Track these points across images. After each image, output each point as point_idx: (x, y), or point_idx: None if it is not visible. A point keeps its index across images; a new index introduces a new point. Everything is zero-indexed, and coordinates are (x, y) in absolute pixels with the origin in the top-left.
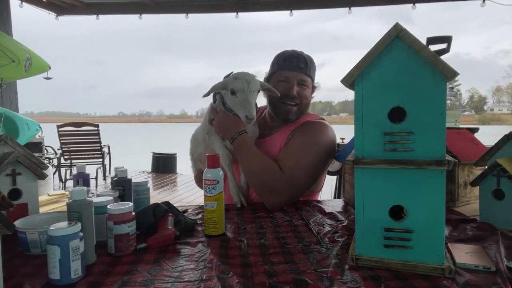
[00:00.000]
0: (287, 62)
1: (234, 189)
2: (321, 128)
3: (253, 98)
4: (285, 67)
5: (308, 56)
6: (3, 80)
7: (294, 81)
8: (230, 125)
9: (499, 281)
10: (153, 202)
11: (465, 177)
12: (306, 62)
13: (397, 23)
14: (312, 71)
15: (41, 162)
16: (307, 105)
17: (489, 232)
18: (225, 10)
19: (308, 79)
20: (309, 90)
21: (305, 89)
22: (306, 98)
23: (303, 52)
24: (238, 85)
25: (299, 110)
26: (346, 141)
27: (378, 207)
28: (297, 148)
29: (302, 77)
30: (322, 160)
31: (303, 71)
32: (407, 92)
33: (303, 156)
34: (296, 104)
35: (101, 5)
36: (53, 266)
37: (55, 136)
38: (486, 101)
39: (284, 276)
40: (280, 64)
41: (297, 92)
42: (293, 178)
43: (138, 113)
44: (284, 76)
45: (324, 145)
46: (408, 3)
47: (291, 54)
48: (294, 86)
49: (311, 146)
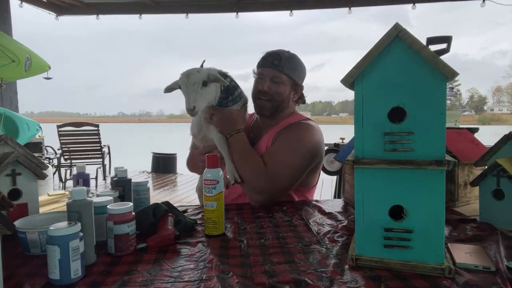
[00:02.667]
0: (263, 60)
1: (230, 167)
2: (307, 129)
3: (193, 90)
4: (261, 65)
5: (287, 55)
6: (3, 80)
7: (267, 77)
8: (228, 122)
9: (499, 281)
10: (153, 202)
11: (465, 177)
12: (281, 59)
13: (397, 23)
14: (287, 68)
15: (41, 162)
16: (282, 101)
17: (489, 232)
18: (225, 10)
19: (281, 75)
20: (285, 87)
21: (278, 86)
22: (279, 95)
23: (284, 51)
24: (180, 79)
25: (274, 106)
26: (346, 141)
27: (378, 207)
28: (281, 147)
29: (274, 74)
30: (305, 159)
31: (277, 68)
32: (407, 92)
33: (287, 155)
34: (269, 99)
35: (101, 5)
36: (53, 266)
37: (55, 136)
38: (486, 101)
39: (284, 276)
40: (258, 63)
41: (268, 88)
42: (275, 177)
43: (138, 113)
44: (260, 73)
45: (309, 144)
46: (408, 3)
47: (269, 53)
48: (265, 82)
49: (295, 146)
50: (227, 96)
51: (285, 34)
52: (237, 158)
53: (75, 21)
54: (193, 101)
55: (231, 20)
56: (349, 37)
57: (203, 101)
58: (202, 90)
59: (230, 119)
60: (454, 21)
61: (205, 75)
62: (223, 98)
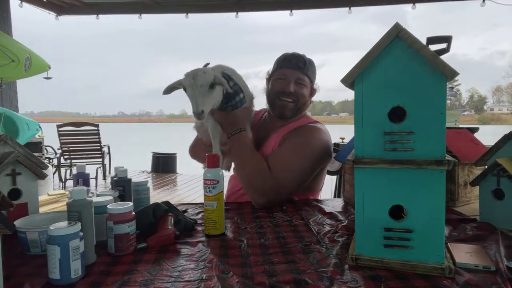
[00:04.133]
0: (286, 61)
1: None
2: (315, 132)
3: (200, 93)
4: (284, 66)
5: (308, 58)
6: (3, 80)
7: (292, 78)
8: (232, 121)
9: (499, 281)
10: (153, 202)
11: (465, 177)
12: (305, 62)
13: (397, 22)
14: (310, 71)
15: (41, 162)
16: (304, 104)
17: (489, 232)
18: (225, 10)
19: (305, 78)
20: (307, 90)
21: (302, 88)
22: (303, 97)
23: (304, 55)
24: (186, 81)
25: (296, 107)
26: (346, 141)
27: (378, 207)
28: (288, 150)
29: (299, 76)
30: (312, 164)
31: (301, 70)
32: (407, 92)
33: (293, 159)
34: (292, 100)
35: (101, 5)
36: (53, 266)
37: (55, 136)
38: (486, 101)
39: (284, 276)
40: (279, 63)
41: (294, 90)
42: (280, 181)
43: (138, 113)
44: (282, 74)
45: (316, 148)
46: (408, 3)
47: (291, 55)
48: (291, 83)
49: (303, 149)
50: (227, 101)
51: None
52: (238, 157)
53: (75, 21)
54: (201, 104)
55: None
56: (348, 38)
57: (210, 104)
58: (209, 92)
59: (233, 117)
60: (452, 22)
61: (211, 77)
62: (223, 102)
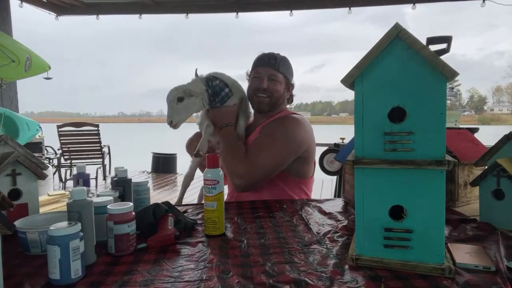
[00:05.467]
0: (260, 60)
1: (204, 142)
2: (291, 121)
3: (170, 107)
4: (258, 64)
5: (280, 56)
6: (3, 80)
7: (265, 75)
8: (221, 116)
9: (499, 281)
10: (153, 202)
11: (465, 177)
12: (276, 59)
13: (397, 23)
14: (283, 68)
15: (41, 162)
16: (279, 97)
17: (489, 232)
18: (225, 10)
19: (278, 74)
20: (281, 85)
21: (275, 84)
22: (277, 92)
23: (278, 54)
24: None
25: (271, 102)
26: (346, 141)
27: (378, 207)
28: (262, 136)
29: (272, 72)
30: (286, 148)
31: (273, 66)
32: (407, 92)
33: (266, 143)
34: (267, 96)
35: (101, 5)
36: (53, 266)
37: (55, 136)
38: (486, 101)
39: (284, 276)
40: (254, 63)
41: (267, 86)
42: (252, 161)
43: (138, 113)
44: (257, 72)
45: (291, 133)
46: (408, 3)
47: (264, 53)
48: (264, 80)
49: (276, 135)
50: (214, 98)
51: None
52: (223, 149)
53: (75, 21)
54: (169, 116)
55: (232, 20)
56: (348, 38)
57: (180, 114)
58: (178, 105)
59: (222, 114)
60: (451, 23)
61: (180, 92)
62: (211, 100)
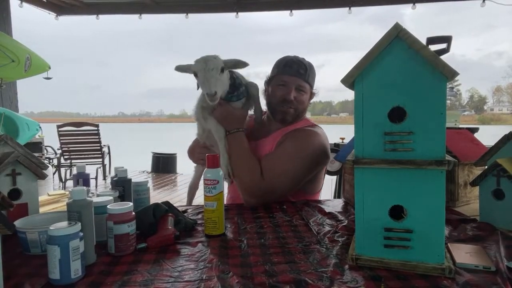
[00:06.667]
0: (287, 67)
1: (224, 161)
2: (312, 135)
3: (212, 76)
4: (285, 72)
5: (308, 63)
6: (3, 80)
7: (293, 86)
8: (231, 118)
9: (499, 281)
10: (153, 202)
11: (465, 177)
12: (306, 68)
13: (397, 23)
14: (311, 78)
15: (41, 162)
16: (304, 110)
17: (489, 232)
18: (224, 10)
19: (306, 85)
20: (307, 96)
21: (302, 95)
22: (302, 103)
23: (304, 59)
24: (197, 66)
25: (296, 113)
26: (346, 141)
27: (378, 207)
28: (283, 154)
29: (300, 83)
30: (307, 169)
31: (302, 77)
32: (407, 92)
33: (287, 163)
34: (293, 108)
35: (101, 5)
36: (53, 266)
37: (55, 136)
38: (486, 101)
39: (284, 276)
40: (280, 69)
41: (294, 97)
42: (272, 184)
43: (138, 113)
44: (283, 80)
45: (312, 152)
46: (408, 3)
47: (292, 60)
48: (292, 91)
49: (298, 154)
50: (233, 90)
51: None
52: (234, 156)
53: (75, 21)
54: (214, 86)
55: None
56: (348, 38)
57: (221, 87)
58: (220, 76)
59: (234, 116)
60: (449, 23)
61: (221, 62)
62: (229, 92)
